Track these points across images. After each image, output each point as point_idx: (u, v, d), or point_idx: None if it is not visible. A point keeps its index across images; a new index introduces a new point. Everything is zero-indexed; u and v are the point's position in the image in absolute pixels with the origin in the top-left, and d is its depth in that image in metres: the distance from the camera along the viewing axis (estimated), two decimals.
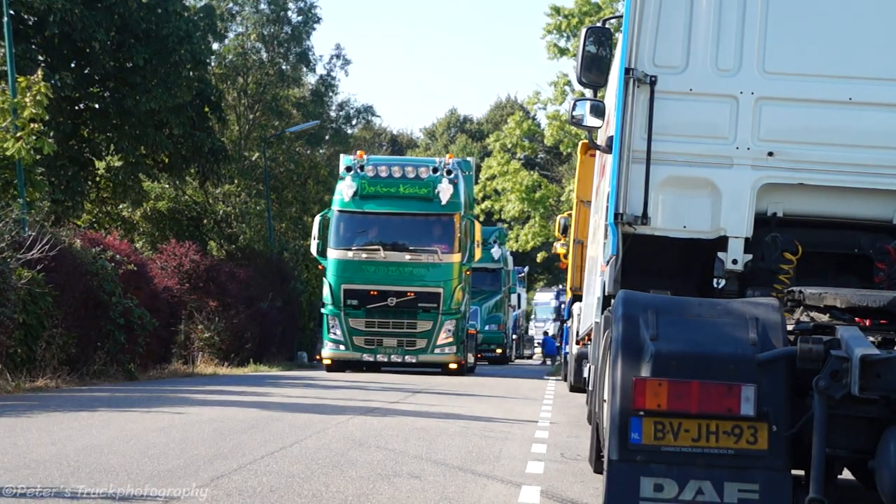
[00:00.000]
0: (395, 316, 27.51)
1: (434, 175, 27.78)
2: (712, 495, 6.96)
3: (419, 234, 27.88)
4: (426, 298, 27.53)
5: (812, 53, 8.70)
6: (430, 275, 27.65)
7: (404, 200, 27.61)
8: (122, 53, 33.63)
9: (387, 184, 27.72)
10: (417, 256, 27.68)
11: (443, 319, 27.51)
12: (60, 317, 20.14)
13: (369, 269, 27.53)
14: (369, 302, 27.48)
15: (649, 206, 8.64)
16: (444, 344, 27.63)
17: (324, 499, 8.40)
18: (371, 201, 27.61)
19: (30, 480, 8.54)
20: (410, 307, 27.50)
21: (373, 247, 27.62)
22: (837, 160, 8.67)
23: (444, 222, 27.89)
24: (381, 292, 27.39)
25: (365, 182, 27.67)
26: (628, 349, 7.14)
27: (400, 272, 27.49)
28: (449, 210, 27.64)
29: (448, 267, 27.73)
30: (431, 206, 27.59)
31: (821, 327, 7.55)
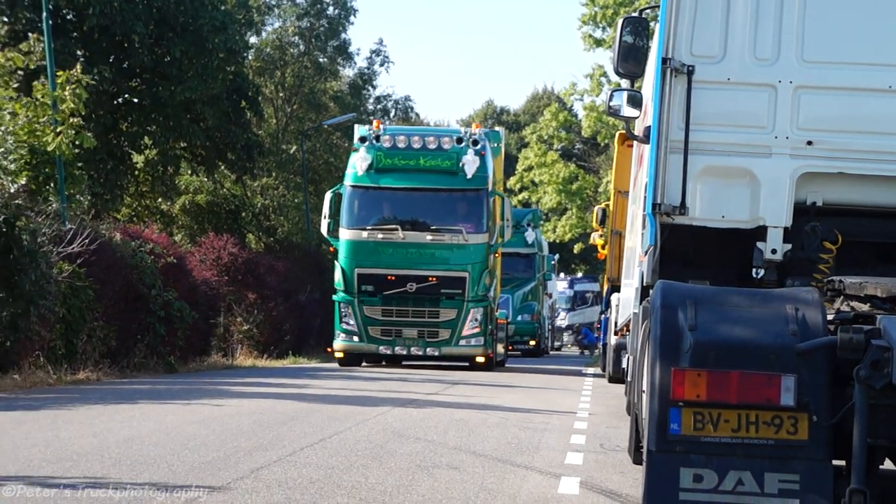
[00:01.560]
0: (415, 304, 24.54)
1: (459, 146, 24.76)
2: (752, 486, 6.96)
3: (442, 212, 24.84)
4: (450, 284, 24.54)
5: (851, 41, 8.67)
6: (455, 257, 24.62)
7: (425, 174, 24.67)
8: (159, 46, 33.82)
9: (405, 155, 24.72)
10: (440, 237, 24.61)
11: (469, 307, 24.48)
12: (101, 310, 20.28)
13: (386, 251, 24.58)
14: (386, 288, 24.52)
15: (687, 196, 8.63)
16: (471, 335, 24.57)
17: (363, 490, 8.42)
18: (388, 175, 24.76)
19: (72, 472, 8.62)
20: (432, 294, 24.55)
21: (390, 226, 24.71)
22: (877, 149, 8.64)
23: (469, 198, 24.84)
24: (400, 277, 24.45)
25: (381, 154, 24.77)
26: (667, 340, 7.14)
27: (420, 254, 24.58)
28: (475, 185, 24.61)
29: (474, 248, 24.62)
30: (456, 180, 24.58)
31: (861, 317, 7.51)
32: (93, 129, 26.26)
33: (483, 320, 24.67)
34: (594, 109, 52.73)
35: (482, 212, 24.70)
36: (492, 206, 24.95)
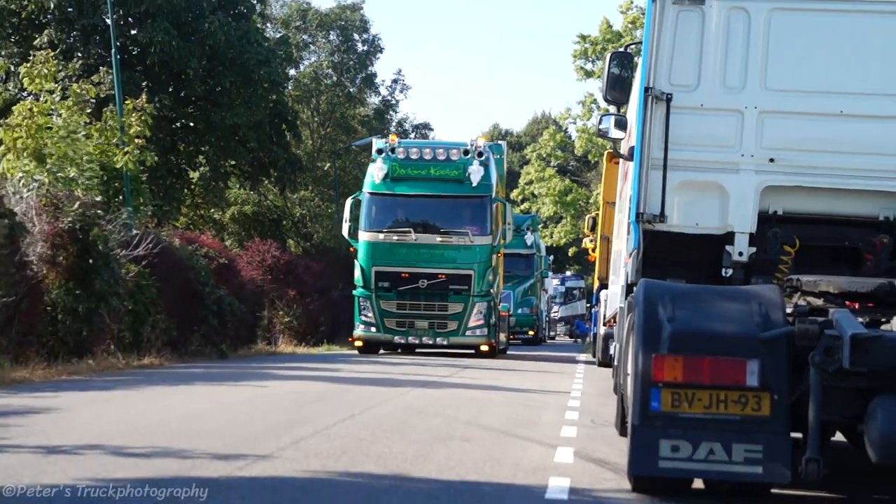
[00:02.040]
0: (426, 298, 23.94)
1: (465, 157, 24.03)
2: (722, 455, 6.97)
3: (450, 216, 24.16)
4: (457, 280, 23.87)
5: (808, 72, 8.64)
6: (462, 257, 24.02)
7: (435, 182, 23.97)
8: (211, 78, 33.90)
9: (417, 166, 24.04)
10: (448, 238, 24.03)
11: (474, 301, 23.87)
12: (162, 305, 20.32)
13: (400, 251, 23.90)
14: (400, 284, 23.92)
15: (666, 206, 8.60)
16: (476, 326, 23.96)
17: (388, 459, 8.43)
18: (402, 183, 24.05)
19: (139, 443, 8.64)
20: (441, 289, 23.89)
21: (404, 229, 24.03)
22: (830, 165, 8.62)
23: (474, 204, 24.12)
24: (412, 274, 23.85)
25: (396, 164, 24.05)
26: (649, 330, 7.15)
27: (431, 254, 23.93)
28: (480, 192, 23.98)
29: (479, 249, 24.04)
30: (462, 187, 23.93)
31: (816, 310, 7.51)
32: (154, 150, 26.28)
33: (487, 313, 24.15)
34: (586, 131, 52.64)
35: (486, 216, 24.19)
36: (494, 211, 24.46)
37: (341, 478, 7.60)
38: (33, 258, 16.54)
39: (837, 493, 8.17)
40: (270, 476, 7.49)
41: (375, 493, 7.16)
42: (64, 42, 32.65)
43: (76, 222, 17.55)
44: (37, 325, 16.67)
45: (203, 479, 7.26)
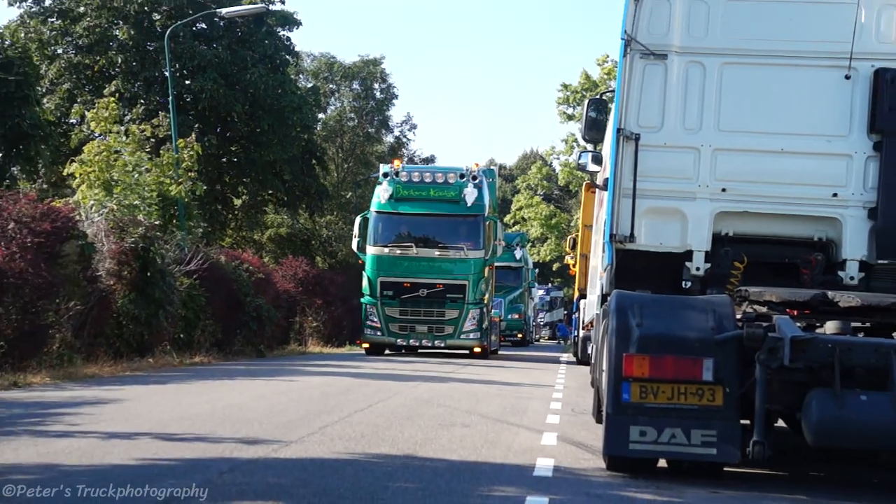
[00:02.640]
0: (425, 305, 23.01)
1: (461, 180, 23.22)
2: (682, 439, 6.96)
3: (447, 233, 23.24)
4: (453, 290, 22.92)
5: (753, 116, 8.64)
6: (457, 269, 23.09)
7: (434, 203, 23.13)
8: (252, 121, 33.94)
9: (419, 188, 23.26)
10: (446, 252, 23.10)
11: (468, 308, 22.99)
12: (210, 311, 20.32)
13: (403, 263, 22.96)
14: (403, 293, 22.94)
15: (635, 228, 8.59)
16: (470, 330, 23.03)
17: (400, 442, 8.43)
18: (405, 203, 23.22)
19: (190, 429, 8.65)
20: (439, 297, 22.97)
21: (406, 244, 23.11)
22: (773, 194, 8.60)
23: (469, 222, 23.20)
24: (414, 284, 22.89)
25: (399, 186, 23.22)
26: (620, 333, 7.14)
27: (430, 266, 23.00)
28: (474, 211, 23.13)
29: (473, 262, 23.10)
30: (458, 207, 23.06)
31: (761, 317, 7.51)
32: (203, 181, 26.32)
33: (479, 318, 23.32)
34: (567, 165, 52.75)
35: (479, 233, 23.32)
36: (487, 229, 23.60)
37: (361, 458, 7.60)
38: (102, 273, 16.56)
39: (780, 471, 8.14)
40: (301, 457, 7.48)
41: (390, 470, 7.15)
42: (129, 91, 32.71)
43: (138, 242, 17.58)
44: (105, 329, 16.68)
45: (242, 459, 7.27)
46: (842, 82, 8.52)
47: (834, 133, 8.51)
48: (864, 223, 8.45)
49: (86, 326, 15.77)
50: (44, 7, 33.39)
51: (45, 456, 7.12)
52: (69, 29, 32.95)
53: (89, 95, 32.35)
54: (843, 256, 8.49)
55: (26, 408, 10.01)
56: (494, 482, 6.89)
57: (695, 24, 8.66)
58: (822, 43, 8.58)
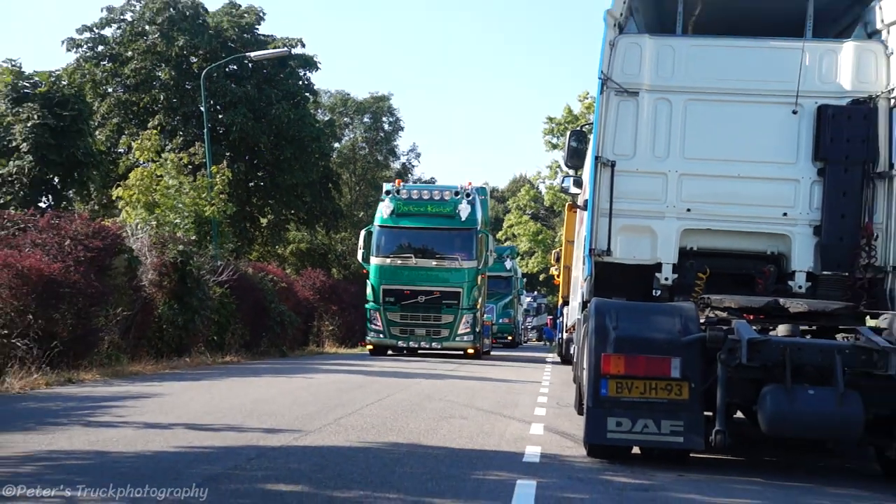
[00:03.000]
0: (424, 310, 22.17)
1: (456, 197, 22.47)
2: (653, 429, 6.94)
3: (443, 245, 22.40)
4: (449, 297, 22.13)
5: (714, 145, 8.64)
6: (452, 277, 22.25)
7: (432, 218, 22.30)
8: (277, 150, 33.95)
9: (418, 204, 22.43)
10: (442, 263, 22.21)
11: (462, 313, 22.23)
12: (240, 317, 20.25)
13: (404, 272, 22.14)
14: (403, 299, 22.14)
15: (611, 243, 8.58)
16: (464, 333, 22.26)
17: (405, 432, 8.40)
18: (405, 218, 22.37)
19: (220, 421, 8.63)
20: (436, 303, 22.11)
21: (406, 255, 22.25)
22: (731, 214, 8.61)
23: (463, 235, 22.33)
24: (413, 291, 22.09)
25: (400, 203, 22.41)
26: (599, 335, 7.13)
27: (428, 275, 22.15)
28: (467, 225, 22.32)
29: (466, 271, 22.27)
30: (453, 222, 22.27)
31: (721, 321, 7.50)
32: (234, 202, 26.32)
33: (473, 323, 22.53)
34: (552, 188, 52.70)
35: (472, 245, 22.43)
36: (479, 241, 22.67)
37: (371, 446, 7.57)
38: (146, 283, 16.53)
39: (739, 457, 8.11)
40: (319, 445, 7.46)
41: (397, 456, 7.12)
42: (170, 124, 32.72)
43: (177, 256, 17.54)
44: (148, 332, 16.64)
45: (267, 447, 7.24)
46: (790, 116, 8.54)
47: (783, 160, 8.53)
48: (810, 239, 8.46)
49: (131, 330, 15.73)
50: (97, 52, 33.48)
51: (95, 444, 7.10)
52: (118, 70, 33.05)
53: (135, 128, 32.39)
54: (792, 268, 8.50)
55: (79, 401, 9.99)
56: (489, 467, 6.87)
57: (662, 65, 8.68)
58: (772, 82, 8.61)
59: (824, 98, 8.49)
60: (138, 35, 33.07)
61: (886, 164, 8.37)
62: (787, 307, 7.56)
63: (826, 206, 8.41)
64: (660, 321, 7.14)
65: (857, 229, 8.33)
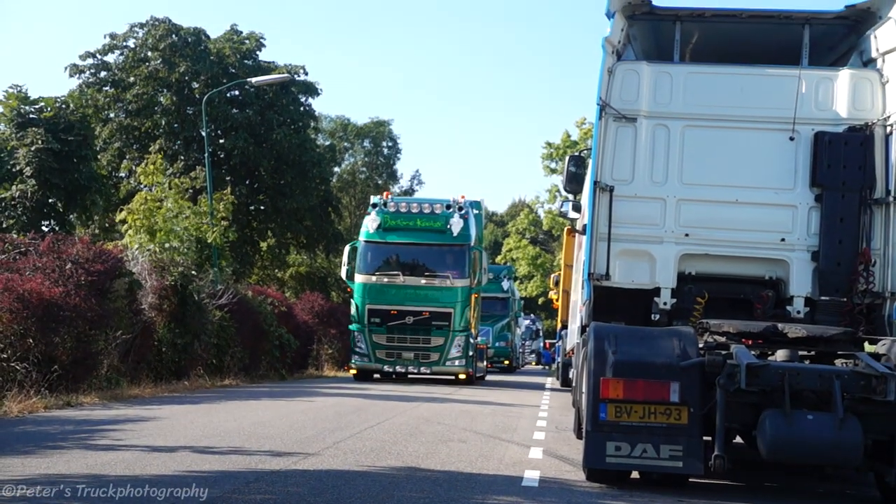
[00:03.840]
0: (412, 332, 20.54)
1: (447, 211, 20.83)
2: (652, 453, 6.91)
3: (433, 262, 20.73)
4: (439, 317, 20.49)
5: (711, 171, 8.68)
6: (443, 297, 20.55)
7: (421, 232, 20.66)
8: (277, 174, 34.05)
9: (406, 218, 20.77)
10: (432, 281, 20.56)
11: (453, 336, 20.58)
12: (239, 340, 20.17)
13: (390, 291, 20.50)
14: (390, 320, 20.49)
15: (610, 268, 8.60)
16: (455, 357, 20.66)
17: (404, 455, 8.36)
18: (393, 233, 20.66)
19: (220, 443, 8.59)
20: (425, 325, 20.50)
21: (393, 272, 20.57)
22: (729, 239, 8.63)
23: (455, 252, 20.69)
24: (400, 311, 20.47)
25: (387, 216, 20.73)
26: (598, 359, 7.11)
27: (416, 294, 20.51)
28: (459, 241, 20.63)
29: (458, 290, 20.62)
30: (444, 237, 20.60)
31: (720, 345, 7.49)
32: (235, 227, 26.35)
33: (465, 346, 20.86)
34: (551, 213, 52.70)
35: (465, 262, 20.72)
36: (472, 258, 20.98)
37: (370, 469, 7.53)
38: (146, 306, 16.50)
39: (738, 482, 8.06)
40: (317, 469, 7.42)
41: (395, 480, 7.07)
42: (171, 149, 32.82)
43: (177, 279, 17.53)
44: (147, 355, 16.58)
45: (266, 471, 7.20)
46: (787, 143, 8.58)
47: (781, 186, 8.56)
48: (808, 264, 8.48)
49: (130, 353, 15.68)
50: (99, 78, 33.68)
51: (93, 467, 7.05)
52: (121, 96, 33.23)
53: (137, 153, 32.55)
54: (790, 293, 8.50)
55: (77, 424, 9.94)
56: (487, 492, 6.82)
57: (660, 92, 8.73)
58: (769, 109, 8.66)
59: (821, 125, 8.54)
60: (140, 61, 33.26)
61: (883, 191, 8.41)
62: (785, 332, 7.54)
63: (824, 231, 8.43)
64: (658, 345, 7.12)
65: (855, 255, 8.35)
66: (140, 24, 33.66)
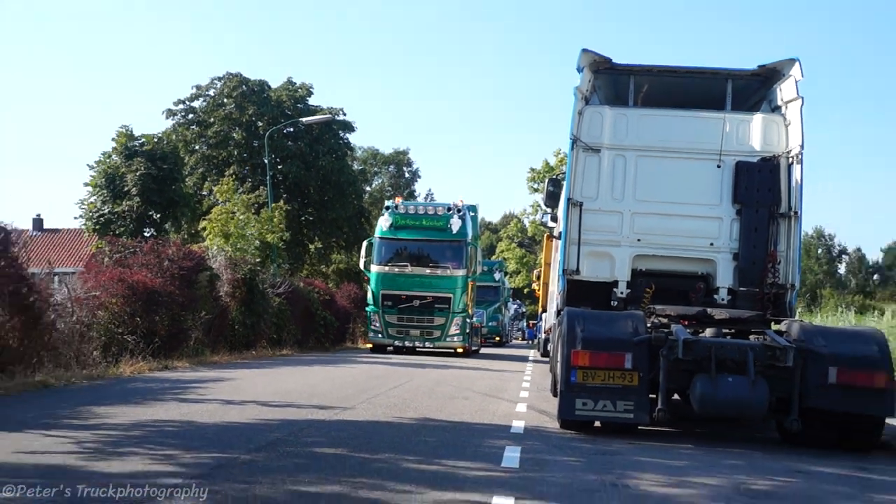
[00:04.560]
0: (418, 313, 19.49)
1: (448, 213, 19.80)
2: (610, 407, 6.94)
3: (436, 255, 19.66)
4: (440, 301, 19.50)
5: (658, 191, 8.73)
6: (444, 284, 19.52)
7: (426, 230, 19.60)
8: (322, 192, 34.14)
9: (414, 218, 19.71)
10: (434, 270, 19.48)
11: (452, 316, 19.62)
12: (293, 320, 20.18)
13: (400, 279, 19.43)
14: (400, 303, 19.44)
15: (580, 265, 8.65)
16: (454, 334, 19.69)
17: (421, 409, 8.37)
18: (402, 231, 19.59)
19: (282, 399, 8.62)
20: (429, 307, 19.47)
21: (403, 263, 19.52)
22: (671, 243, 8.68)
23: (454, 247, 19.59)
24: (409, 296, 19.41)
25: (398, 217, 19.69)
26: (570, 336, 7.14)
27: (422, 282, 19.47)
28: (458, 237, 19.58)
29: (456, 279, 19.57)
30: (445, 234, 19.55)
31: (663, 325, 7.53)
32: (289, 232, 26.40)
33: (462, 324, 19.88)
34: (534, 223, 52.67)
35: (462, 255, 19.68)
36: (469, 252, 19.92)
37: (395, 420, 7.56)
38: (222, 293, 16.59)
39: (675, 429, 8.11)
40: (354, 419, 7.45)
41: (414, 428, 7.12)
42: (241, 173, 32.96)
43: (246, 273, 17.59)
44: (224, 331, 16.65)
45: (315, 420, 7.24)
46: (715, 170, 8.65)
47: (710, 203, 8.62)
48: (730, 263, 8.53)
49: (211, 329, 15.77)
50: (187, 119, 33.84)
51: (185, 415, 7.13)
52: (203, 133, 33.38)
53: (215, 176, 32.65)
54: (717, 285, 8.56)
55: (172, 383, 10.02)
56: (485, 436, 6.86)
57: (618, 130, 8.79)
58: (701, 143, 8.72)
59: (740, 156, 8.61)
60: (218, 106, 33.39)
61: (787, 207, 8.49)
62: (713, 315, 7.59)
63: (742, 238, 8.50)
64: (616, 325, 7.16)
65: (765, 256, 8.41)
66: (218, 77, 33.88)
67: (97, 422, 6.60)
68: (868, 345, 6.78)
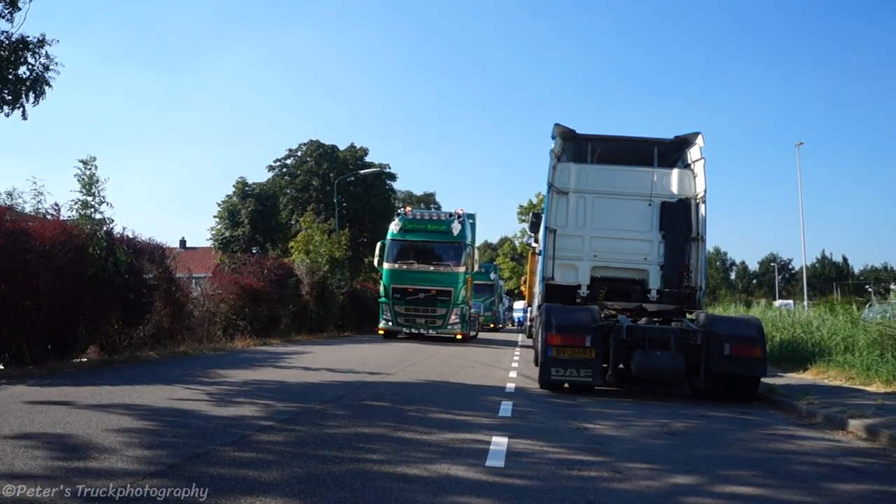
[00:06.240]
0: (423, 304, 16.81)
1: (450, 218, 17.43)
2: (575, 374, 6.90)
3: (439, 254, 17.14)
4: (443, 294, 16.91)
5: (609, 221, 8.69)
6: (445, 279, 16.98)
7: (430, 233, 17.16)
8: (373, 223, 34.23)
9: (420, 223, 17.43)
10: (437, 268, 16.92)
11: (453, 307, 17.02)
12: (352, 312, 20.05)
13: (408, 275, 16.75)
14: (408, 296, 16.70)
15: (554, 273, 8.62)
16: (454, 323, 17.00)
17: (441, 375, 8.27)
18: (410, 233, 17.19)
19: (343, 366, 8.57)
20: (433, 299, 16.83)
21: (410, 261, 16.89)
22: (618, 258, 8.62)
23: (454, 247, 17.12)
24: (415, 290, 16.73)
25: (406, 222, 17.32)
26: (547, 323, 7.10)
27: (426, 277, 16.85)
28: (458, 240, 17.13)
29: (456, 275, 17.06)
30: (447, 237, 17.14)
31: (613, 316, 7.50)
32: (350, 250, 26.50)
33: (461, 314, 17.73)
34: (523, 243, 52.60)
35: (461, 255, 17.67)
36: (467, 253, 17.95)
37: (422, 382, 7.50)
38: (304, 293, 16.65)
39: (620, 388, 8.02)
40: (394, 381, 7.40)
41: (437, 387, 7.07)
42: (317, 209, 33.32)
43: (320, 279, 17.68)
44: (305, 319, 16.68)
45: (367, 381, 7.18)
46: (647, 207, 8.62)
47: (644, 230, 8.57)
48: (658, 272, 8.47)
49: (296, 318, 15.87)
50: (282, 171, 34.25)
51: (279, 376, 7.17)
52: (293, 181, 33.70)
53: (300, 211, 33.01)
54: (649, 287, 8.49)
55: (269, 355, 10.03)
56: (487, 394, 6.80)
57: (580, 179, 8.80)
58: (638, 188, 8.70)
59: (664, 198, 8.60)
60: (303, 162, 33.79)
61: (696, 233, 8.45)
62: (646, 308, 7.55)
63: (666, 255, 8.45)
64: (580, 316, 7.13)
65: (682, 267, 8.37)
66: (303, 143, 34.36)
67: (219, 380, 6.67)
68: (750, 328, 6.85)
